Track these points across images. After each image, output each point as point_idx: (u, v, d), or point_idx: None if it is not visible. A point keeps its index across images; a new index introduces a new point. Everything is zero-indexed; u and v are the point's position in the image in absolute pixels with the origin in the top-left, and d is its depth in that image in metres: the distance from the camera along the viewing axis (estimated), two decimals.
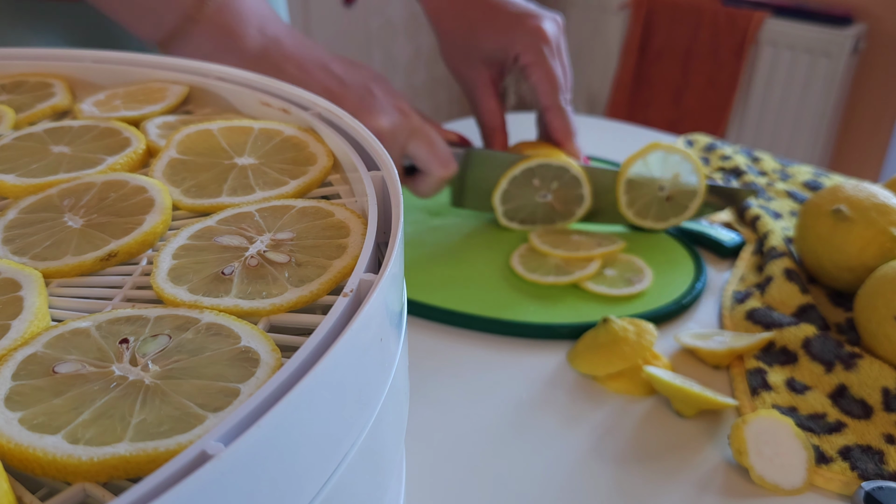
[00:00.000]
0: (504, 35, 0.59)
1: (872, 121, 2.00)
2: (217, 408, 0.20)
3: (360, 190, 0.30)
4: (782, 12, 1.94)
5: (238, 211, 0.29)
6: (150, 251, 0.28)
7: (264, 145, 0.34)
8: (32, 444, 0.19)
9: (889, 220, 0.48)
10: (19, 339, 0.23)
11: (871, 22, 1.90)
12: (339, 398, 0.20)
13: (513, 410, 0.43)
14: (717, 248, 0.58)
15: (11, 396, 0.20)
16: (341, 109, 0.35)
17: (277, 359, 0.22)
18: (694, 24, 2.03)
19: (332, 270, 0.26)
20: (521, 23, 0.59)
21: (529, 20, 0.59)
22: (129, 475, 0.19)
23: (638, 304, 0.51)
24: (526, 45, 0.58)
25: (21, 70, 0.42)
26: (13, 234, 0.28)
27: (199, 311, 0.24)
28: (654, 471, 0.39)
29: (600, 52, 2.31)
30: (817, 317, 0.48)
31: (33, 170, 0.32)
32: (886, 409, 0.41)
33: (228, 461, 0.16)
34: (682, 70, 2.10)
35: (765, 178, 0.70)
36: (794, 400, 0.43)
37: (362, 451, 0.22)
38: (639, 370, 0.44)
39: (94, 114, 0.38)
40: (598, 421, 0.42)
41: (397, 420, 0.26)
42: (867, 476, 0.38)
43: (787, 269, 0.52)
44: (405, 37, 2.19)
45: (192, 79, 0.40)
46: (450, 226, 0.61)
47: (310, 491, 0.20)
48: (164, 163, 0.33)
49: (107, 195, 0.30)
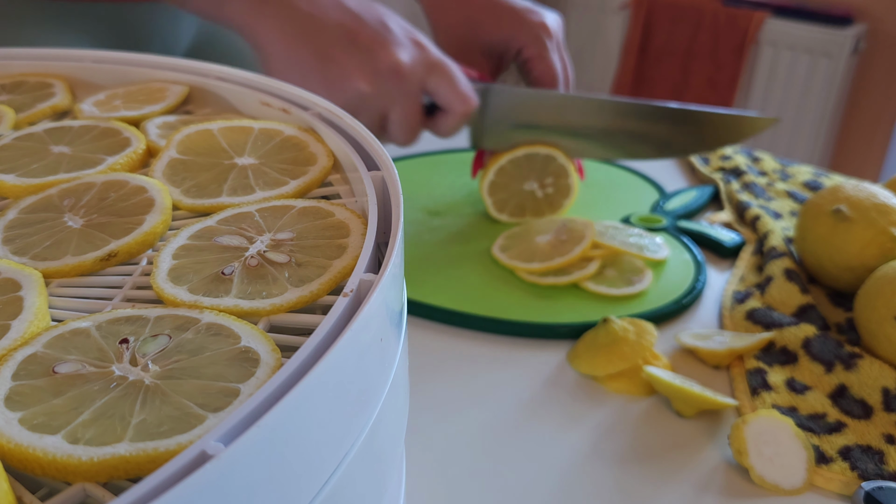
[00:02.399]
0: (506, 28, 0.59)
1: (872, 121, 2.00)
2: (217, 408, 0.20)
3: (360, 190, 0.30)
4: (782, 12, 1.94)
5: (238, 211, 0.29)
6: (150, 251, 0.28)
7: (264, 145, 0.34)
8: (32, 444, 0.19)
9: (889, 220, 0.48)
10: (19, 339, 0.23)
11: (871, 22, 1.90)
12: (339, 398, 0.20)
13: (513, 410, 0.43)
14: (717, 248, 0.58)
15: (11, 396, 0.20)
16: (338, 109, 0.35)
17: (277, 359, 0.22)
18: (694, 24, 2.03)
19: (333, 270, 0.26)
20: (524, 17, 0.59)
21: (532, 14, 0.59)
22: (129, 475, 0.19)
23: (638, 304, 0.51)
24: (529, 39, 0.58)
25: (21, 70, 0.42)
26: (13, 234, 0.28)
27: (199, 311, 0.24)
28: (654, 471, 0.39)
29: (600, 52, 2.31)
30: (817, 317, 0.48)
31: (33, 170, 0.32)
32: (886, 409, 0.41)
33: (228, 461, 0.16)
34: (682, 70, 2.10)
35: (765, 178, 0.70)
36: (794, 400, 0.43)
37: (362, 451, 0.22)
38: (639, 370, 0.44)
39: (94, 114, 0.38)
40: (598, 421, 0.42)
41: (397, 420, 0.26)
42: (867, 476, 0.38)
43: (787, 269, 0.52)
44: None
45: (192, 79, 0.40)
46: (450, 226, 0.61)
47: (310, 491, 0.20)
48: (164, 163, 0.33)
49: (107, 195, 0.30)
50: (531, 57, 0.59)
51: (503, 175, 0.58)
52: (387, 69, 0.48)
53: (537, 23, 0.58)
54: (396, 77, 0.49)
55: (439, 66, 0.51)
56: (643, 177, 0.71)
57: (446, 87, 0.51)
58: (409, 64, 0.49)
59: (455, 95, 0.51)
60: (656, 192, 0.68)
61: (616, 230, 0.56)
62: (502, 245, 0.56)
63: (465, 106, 0.52)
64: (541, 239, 0.55)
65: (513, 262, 0.54)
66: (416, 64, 0.50)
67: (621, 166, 0.73)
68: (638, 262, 0.54)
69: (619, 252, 0.54)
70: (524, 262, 0.53)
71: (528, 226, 0.58)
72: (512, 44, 0.59)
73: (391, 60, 0.48)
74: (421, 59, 0.50)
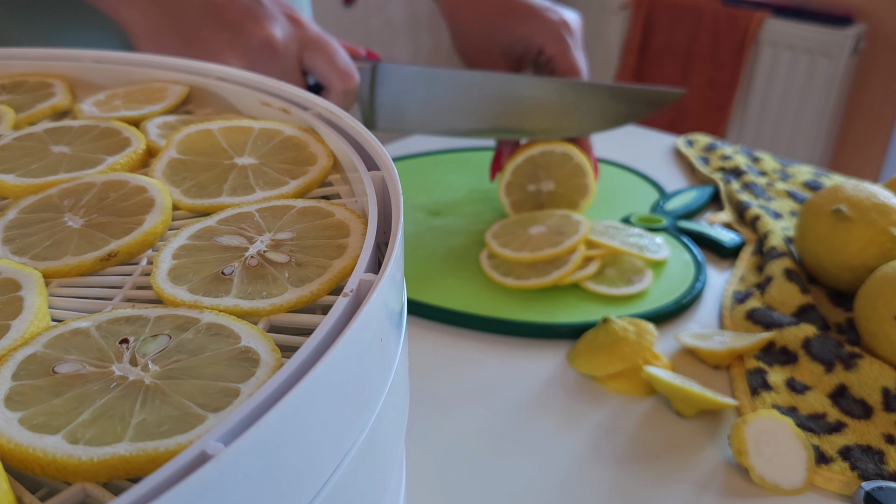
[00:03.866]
0: (527, 26, 0.58)
1: (872, 121, 2.00)
2: (217, 408, 0.20)
3: (360, 190, 0.30)
4: (782, 12, 1.94)
5: (238, 211, 0.29)
6: (150, 251, 0.28)
7: (264, 145, 0.34)
8: (32, 444, 0.19)
9: (889, 220, 0.48)
10: (19, 339, 0.23)
11: (871, 22, 1.90)
12: (339, 398, 0.20)
13: (513, 410, 0.43)
14: (717, 248, 0.58)
15: (11, 396, 0.20)
16: (338, 109, 0.35)
17: (277, 359, 0.22)
18: (694, 24, 2.03)
19: (333, 270, 0.26)
20: (544, 15, 0.58)
21: (551, 13, 0.59)
22: (129, 475, 0.19)
23: (638, 304, 0.51)
24: (550, 37, 0.58)
25: (21, 70, 0.42)
26: (13, 234, 0.28)
27: (199, 311, 0.24)
28: (654, 471, 0.39)
29: (600, 52, 2.31)
30: (817, 317, 0.48)
31: (33, 170, 0.32)
32: (886, 409, 0.41)
33: (228, 461, 0.16)
34: (682, 70, 2.10)
35: (765, 178, 0.70)
36: (794, 400, 0.43)
37: (362, 451, 0.22)
38: (639, 370, 0.44)
39: (94, 114, 0.38)
40: (598, 421, 0.42)
41: (397, 420, 0.26)
42: (867, 476, 0.38)
43: (787, 269, 0.52)
44: (405, 37, 2.19)
45: (192, 79, 0.40)
46: (450, 226, 0.61)
47: (310, 491, 0.20)
48: (164, 163, 0.33)
49: (107, 195, 0.30)
50: (554, 55, 0.58)
51: (520, 175, 0.58)
52: (258, 45, 0.46)
53: (558, 21, 0.58)
54: (269, 53, 0.46)
55: (316, 41, 0.48)
56: (643, 177, 0.71)
57: (324, 63, 0.48)
58: (283, 39, 0.47)
59: (333, 72, 0.48)
60: (656, 192, 0.68)
61: (616, 230, 0.56)
62: (496, 232, 0.56)
63: (344, 82, 0.49)
64: (534, 230, 0.55)
65: (503, 250, 0.54)
66: (290, 40, 0.47)
67: (622, 166, 0.73)
68: (638, 262, 0.54)
69: (619, 252, 0.54)
70: (514, 251, 0.54)
71: (524, 217, 0.58)
72: (532, 43, 0.58)
73: (263, 35, 0.46)
74: (295, 34, 0.48)
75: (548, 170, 0.58)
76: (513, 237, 0.55)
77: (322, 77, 0.49)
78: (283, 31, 0.47)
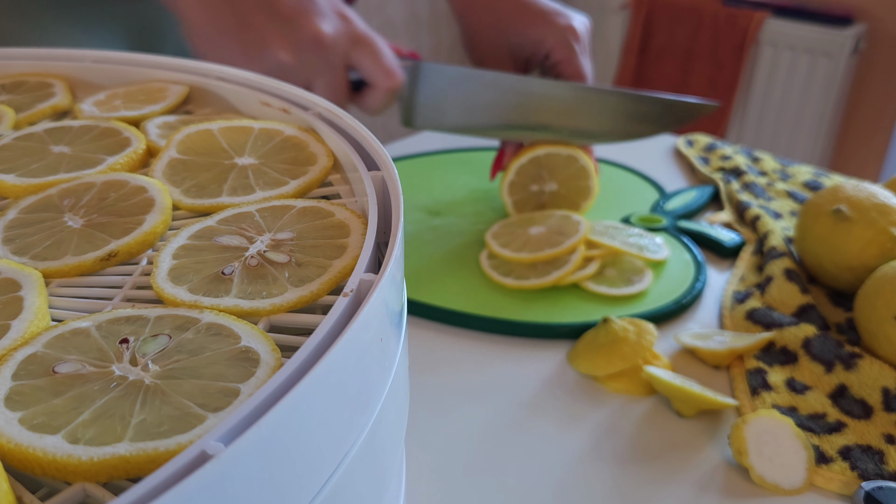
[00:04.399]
0: (536, 30, 0.58)
1: (872, 121, 2.00)
2: (217, 408, 0.20)
3: (360, 190, 0.30)
4: (782, 12, 1.94)
5: (238, 211, 0.29)
6: (150, 251, 0.28)
7: (264, 145, 0.34)
8: (32, 444, 0.19)
9: (889, 220, 0.48)
10: (19, 338, 0.23)
11: (871, 22, 1.90)
12: (339, 398, 0.20)
13: (513, 410, 0.43)
14: (717, 248, 0.58)
15: (11, 396, 0.20)
16: (338, 109, 0.35)
17: (277, 359, 0.22)
18: (694, 24, 2.03)
19: (333, 270, 0.26)
20: (553, 19, 0.59)
21: (561, 17, 0.59)
22: (129, 475, 0.19)
23: (638, 304, 0.51)
24: (558, 42, 0.58)
25: (21, 70, 0.42)
26: (13, 234, 0.28)
27: (199, 311, 0.24)
28: (654, 471, 0.39)
29: (600, 52, 2.31)
30: (817, 317, 0.48)
31: (33, 170, 0.32)
32: (886, 409, 0.41)
33: (228, 461, 0.16)
34: (682, 70, 2.10)
35: (765, 178, 0.70)
36: (794, 400, 0.43)
37: (362, 451, 0.22)
38: (639, 370, 0.44)
39: (94, 114, 0.38)
40: (598, 421, 0.42)
41: (397, 420, 0.26)
42: (867, 476, 0.38)
43: (787, 269, 0.52)
44: (405, 37, 2.18)
45: (192, 79, 0.40)
46: (450, 226, 0.61)
47: (310, 491, 0.20)
48: (165, 163, 0.33)
49: (107, 195, 0.30)
50: (560, 60, 0.58)
51: (523, 175, 0.58)
52: (308, 40, 0.47)
53: (565, 26, 0.58)
54: (318, 48, 0.47)
55: (364, 39, 0.49)
56: (643, 177, 0.71)
57: (370, 60, 0.49)
58: (332, 35, 0.48)
59: (379, 70, 0.50)
60: (656, 192, 0.68)
61: (616, 230, 0.56)
62: (496, 232, 0.56)
63: (389, 81, 0.50)
64: (534, 230, 0.55)
65: (503, 251, 0.54)
66: (339, 36, 0.48)
67: (621, 166, 0.73)
68: (638, 262, 0.54)
69: (619, 252, 0.54)
70: (514, 251, 0.53)
71: (524, 217, 0.58)
72: (541, 46, 0.59)
73: (313, 31, 0.47)
74: (345, 31, 0.49)
75: (552, 171, 0.58)
76: (513, 237, 0.55)
77: (368, 74, 0.50)
78: (333, 27, 0.48)
